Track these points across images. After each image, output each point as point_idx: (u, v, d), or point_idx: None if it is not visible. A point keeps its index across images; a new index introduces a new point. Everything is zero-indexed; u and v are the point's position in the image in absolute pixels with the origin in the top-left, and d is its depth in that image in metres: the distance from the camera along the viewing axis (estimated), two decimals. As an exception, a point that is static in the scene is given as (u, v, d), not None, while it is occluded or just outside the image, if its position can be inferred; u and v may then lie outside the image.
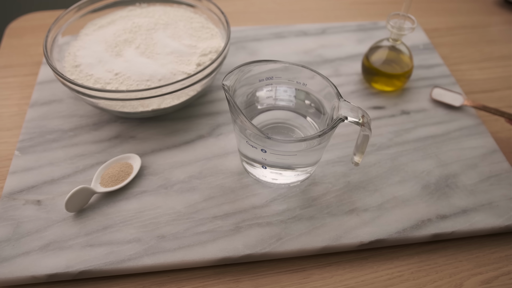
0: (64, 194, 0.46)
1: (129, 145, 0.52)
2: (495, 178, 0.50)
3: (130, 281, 0.42)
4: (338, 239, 0.44)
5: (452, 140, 0.54)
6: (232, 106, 0.39)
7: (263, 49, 0.65)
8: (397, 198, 0.48)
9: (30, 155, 0.50)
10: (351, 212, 0.46)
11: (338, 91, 0.41)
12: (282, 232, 0.44)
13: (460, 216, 0.46)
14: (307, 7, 0.77)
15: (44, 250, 0.42)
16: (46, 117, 0.54)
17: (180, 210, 0.46)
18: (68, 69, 0.53)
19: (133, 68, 0.52)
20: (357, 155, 0.45)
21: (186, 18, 0.60)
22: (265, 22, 0.73)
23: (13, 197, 0.46)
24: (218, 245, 0.43)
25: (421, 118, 0.56)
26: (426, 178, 0.50)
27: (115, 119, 0.54)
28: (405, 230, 0.45)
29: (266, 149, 0.41)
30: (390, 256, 0.45)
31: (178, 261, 0.42)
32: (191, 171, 0.49)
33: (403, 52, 0.58)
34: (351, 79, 0.61)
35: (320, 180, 0.49)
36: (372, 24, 0.71)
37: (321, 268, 0.44)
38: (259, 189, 0.48)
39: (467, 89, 0.62)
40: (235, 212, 0.46)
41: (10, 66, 0.63)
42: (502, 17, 0.77)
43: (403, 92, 0.60)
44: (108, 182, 0.47)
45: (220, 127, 0.54)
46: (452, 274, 0.44)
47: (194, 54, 0.55)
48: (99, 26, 0.58)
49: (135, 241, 0.43)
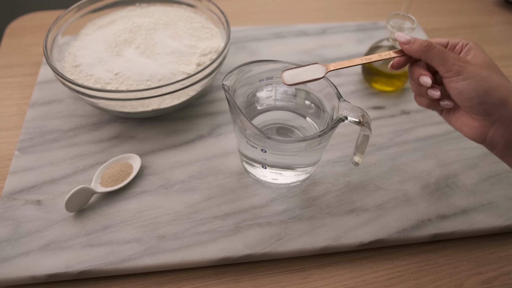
0: (64, 194, 0.46)
1: (129, 145, 0.52)
2: (495, 178, 0.50)
3: (130, 281, 0.42)
4: (338, 239, 0.44)
5: (452, 140, 0.54)
6: (232, 106, 0.39)
7: (263, 49, 0.65)
8: (397, 198, 0.48)
9: (30, 155, 0.50)
10: (351, 212, 0.46)
11: (338, 91, 0.41)
12: (282, 232, 0.44)
13: (460, 216, 0.46)
14: (307, 7, 0.77)
15: (44, 250, 0.42)
16: (46, 117, 0.54)
17: (180, 210, 0.46)
18: (68, 69, 0.53)
19: (133, 68, 0.52)
20: (357, 155, 0.45)
21: (186, 18, 0.60)
22: (265, 22, 0.73)
23: (13, 197, 0.46)
24: (218, 245, 0.43)
25: (421, 118, 0.56)
26: (426, 178, 0.50)
27: (115, 119, 0.54)
28: (405, 230, 0.45)
29: (266, 149, 0.41)
30: (390, 256, 0.45)
31: (178, 261, 0.42)
32: (191, 171, 0.49)
33: (403, 52, 0.58)
34: (351, 79, 0.61)
35: (320, 180, 0.49)
36: (372, 24, 0.71)
37: (321, 268, 0.44)
38: (259, 189, 0.48)
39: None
40: (235, 212, 0.46)
41: (10, 66, 0.63)
42: (502, 17, 0.77)
43: (403, 92, 0.60)
44: (108, 182, 0.47)
45: (220, 127, 0.54)
46: (452, 274, 0.44)
47: (194, 54, 0.55)
48: (99, 26, 0.58)
49: (135, 241, 0.43)
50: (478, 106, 0.35)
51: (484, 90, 0.34)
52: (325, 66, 0.41)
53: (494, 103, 0.34)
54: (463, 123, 0.37)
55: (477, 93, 0.34)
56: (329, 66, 0.41)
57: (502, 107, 0.34)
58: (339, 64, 0.41)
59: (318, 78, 0.41)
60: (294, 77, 0.41)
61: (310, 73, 0.41)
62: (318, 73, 0.41)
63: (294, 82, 0.41)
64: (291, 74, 0.41)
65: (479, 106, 0.35)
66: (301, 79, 0.41)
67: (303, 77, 0.41)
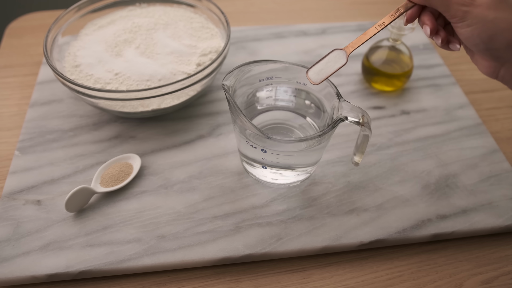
0: (64, 194, 0.46)
1: (129, 145, 0.52)
2: (495, 178, 0.50)
3: (130, 281, 0.42)
4: (338, 239, 0.44)
5: (452, 140, 0.54)
6: (232, 106, 0.39)
7: (263, 49, 0.65)
8: (397, 198, 0.48)
9: (30, 155, 0.50)
10: (351, 212, 0.46)
11: (338, 91, 0.41)
12: (282, 232, 0.44)
13: (460, 216, 0.46)
14: (307, 7, 0.77)
15: (44, 250, 0.42)
16: (46, 117, 0.54)
17: (180, 210, 0.46)
18: (68, 69, 0.53)
19: (133, 68, 0.52)
20: (357, 155, 0.45)
21: (186, 18, 0.60)
22: (265, 22, 0.73)
23: (13, 197, 0.46)
24: (218, 245, 0.43)
25: (421, 118, 0.56)
26: (426, 178, 0.50)
27: (115, 119, 0.54)
28: (405, 230, 0.45)
29: (266, 149, 0.41)
30: (390, 256, 0.45)
31: (178, 261, 0.42)
32: (191, 171, 0.49)
33: (403, 52, 0.58)
34: (351, 79, 0.61)
35: (320, 180, 0.49)
36: (372, 24, 0.71)
37: (321, 268, 0.44)
38: (259, 189, 0.48)
39: (467, 89, 0.62)
40: (235, 212, 0.46)
41: (10, 66, 0.63)
42: (502, 17, 0.77)
43: (403, 92, 0.60)
44: (108, 182, 0.47)
45: (220, 127, 0.54)
46: (452, 274, 0.44)
47: (194, 54, 0.55)
48: (99, 26, 0.58)
49: (135, 241, 0.43)
50: (485, 52, 0.34)
51: (489, 36, 0.33)
52: (344, 49, 0.40)
53: (500, 48, 0.33)
54: (477, 61, 0.37)
55: (482, 39, 0.33)
56: (348, 49, 0.40)
57: (510, 51, 0.33)
58: (356, 42, 0.39)
59: (343, 65, 0.40)
60: (320, 74, 0.40)
61: (333, 63, 0.41)
62: (340, 60, 0.40)
63: (322, 79, 0.40)
64: (315, 72, 0.41)
65: (486, 51, 0.34)
66: (328, 72, 0.40)
67: (328, 70, 0.40)
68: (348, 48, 0.40)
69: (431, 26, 0.36)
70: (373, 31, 0.39)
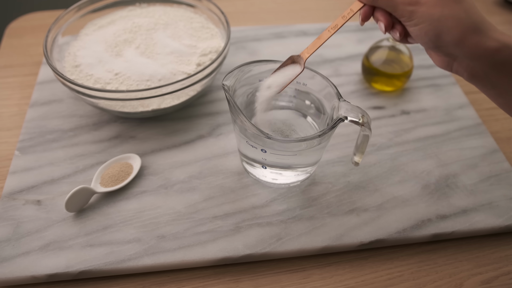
0: (64, 194, 0.46)
1: (129, 145, 0.52)
2: (495, 178, 0.50)
3: (130, 281, 0.42)
4: (338, 239, 0.44)
5: (452, 140, 0.54)
6: (232, 106, 0.39)
7: (263, 49, 0.65)
8: (397, 198, 0.48)
9: (30, 155, 0.50)
10: (351, 212, 0.46)
11: (338, 91, 0.41)
12: (282, 232, 0.44)
13: (460, 216, 0.46)
14: (307, 7, 0.77)
15: (44, 250, 0.42)
16: (46, 117, 0.54)
17: (180, 210, 0.46)
18: (68, 69, 0.53)
19: (133, 68, 0.52)
20: (357, 155, 0.45)
21: (186, 18, 0.60)
22: (265, 22, 0.73)
23: (13, 197, 0.46)
24: (218, 245, 0.43)
25: (421, 118, 0.56)
26: (426, 178, 0.50)
27: (115, 119, 0.54)
28: (405, 230, 0.45)
29: (266, 149, 0.41)
30: (390, 256, 0.45)
31: (178, 261, 0.42)
32: (191, 171, 0.49)
33: (403, 52, 0.58)
34: (351, 79, 0.61)
35: (320, 180, 0.49)
36: (372, 24, 0.71)
37: (321, 268, 0.44)
38: (259, 189, 0.48)
39: (467, 89, 0.62)
40: (235, 212, 0.46)
41: (10, 66, 0.63)
42: (502, 17, 0.77)
43: (403, 92, 0.60)
44: (108, 182, 0.47)
45: (220, 127, 0.54)
46: (452, 274, 0.44)
47: (194, 54, 0.55)
48: (99, 26, 0.58)
49: (135, 241, 0.43)
50: (434, 49, 0.35)
51: (436, 34, 0.33)
52: (300, 55, 0.40)
53: (448, 46, 0.33)
54: (431, 54, 0.37)
55: (430, 38, 0.34)
56: (304, 55, 0.40)
57: (458, 48, 0.33)
58: (312, 47, 0.39)
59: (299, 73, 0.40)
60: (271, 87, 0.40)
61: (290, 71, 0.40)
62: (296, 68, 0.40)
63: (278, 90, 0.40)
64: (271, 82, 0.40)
65: (435, 49, 0.35)
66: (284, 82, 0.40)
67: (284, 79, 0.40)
68: (304, 54, 0.40)
69: (385, 22, 0.36)
70: (327, 35, 0.38)
